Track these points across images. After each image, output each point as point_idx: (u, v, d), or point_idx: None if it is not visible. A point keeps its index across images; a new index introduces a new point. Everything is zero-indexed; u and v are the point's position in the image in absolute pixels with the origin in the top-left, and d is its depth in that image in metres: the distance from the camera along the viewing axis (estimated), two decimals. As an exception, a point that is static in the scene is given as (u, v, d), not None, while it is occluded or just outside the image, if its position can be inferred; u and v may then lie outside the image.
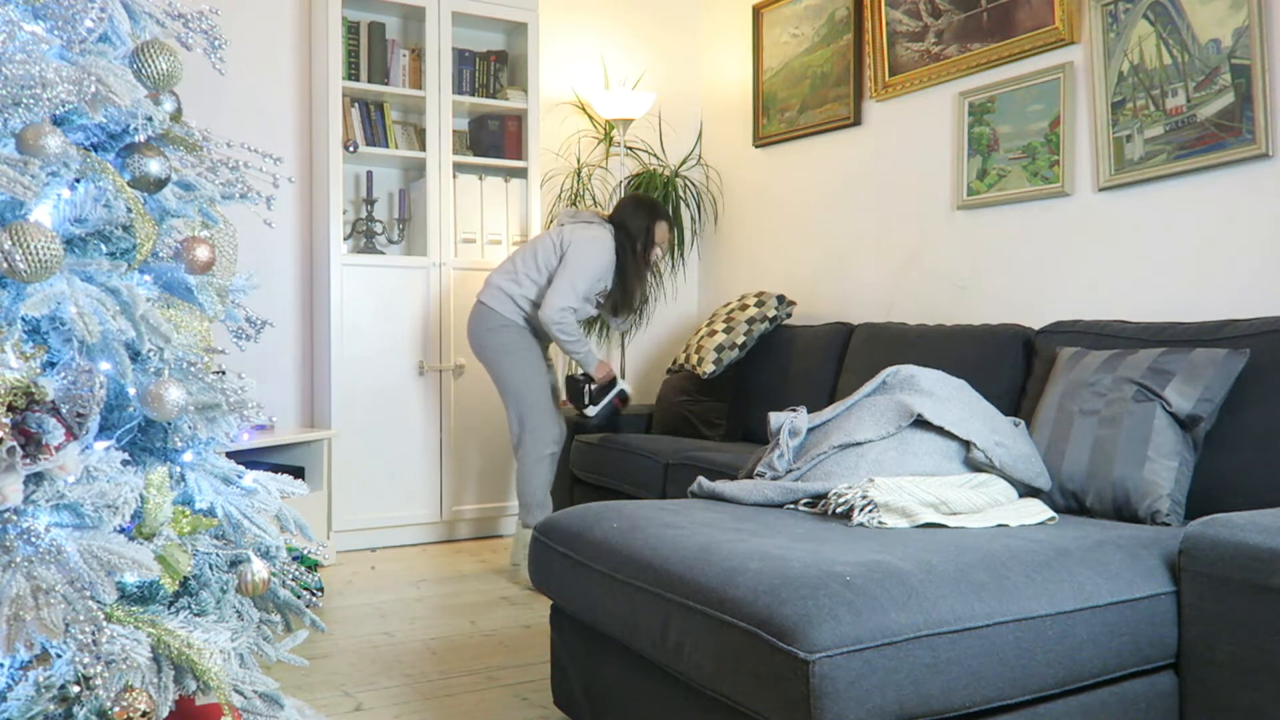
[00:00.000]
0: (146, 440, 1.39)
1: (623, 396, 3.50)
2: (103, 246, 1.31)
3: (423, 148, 3.96)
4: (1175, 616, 1.60)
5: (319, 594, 3.01)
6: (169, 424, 1.38)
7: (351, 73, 3.80)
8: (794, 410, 2.47)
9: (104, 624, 1.14)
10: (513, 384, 3.31)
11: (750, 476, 2.35)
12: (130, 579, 1.21)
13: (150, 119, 1.34)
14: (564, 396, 3.49)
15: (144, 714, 1.18)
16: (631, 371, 4.61)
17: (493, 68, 4.14)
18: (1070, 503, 2.16)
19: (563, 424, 3.40)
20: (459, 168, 4.01)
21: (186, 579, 1.40)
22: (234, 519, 1.44)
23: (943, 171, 3.45)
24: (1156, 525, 1.98)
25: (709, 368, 3.65)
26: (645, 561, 1.65)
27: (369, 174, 3.94)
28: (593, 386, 3.44)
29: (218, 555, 1.44)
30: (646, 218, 3.38)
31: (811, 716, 1.26)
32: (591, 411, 3.44)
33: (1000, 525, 1.85)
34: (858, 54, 3.78)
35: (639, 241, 3.36)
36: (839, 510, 1.94)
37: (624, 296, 3.39)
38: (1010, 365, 2.67)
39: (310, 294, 3.95)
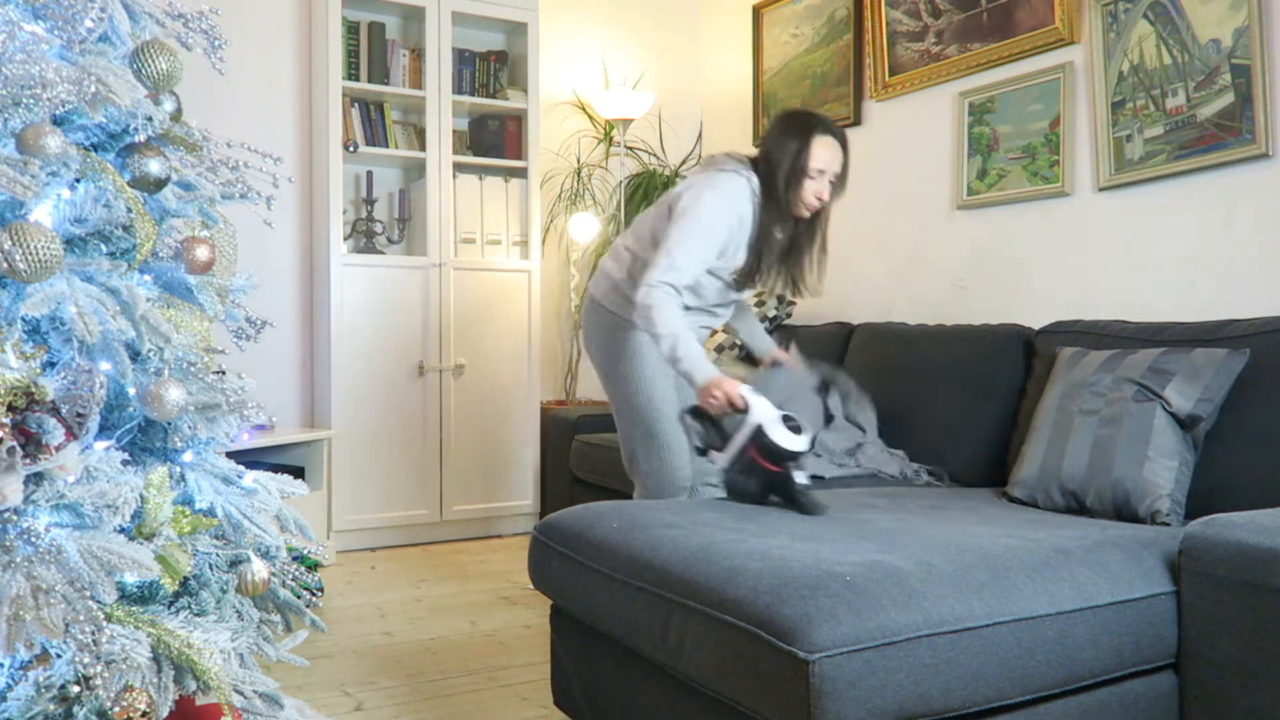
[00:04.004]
0: (146, 440, 1.39)
1: (763, 445, 1.97)
2: (103, 246, 1.31)
3: (423, 148, 3.96)
4: (1175, 616, 1.60)
5: (319, 594, 3.01)
6: (169, 424, 1.37)
7: (351, 73, 3.80)
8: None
9: (104, 624, 1.14)
10: (628, 405, 2.39)
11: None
12: (130, 579, 1.21)
13: (150, 119, 1.34)
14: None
15: (144, 714, 1.18)
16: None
17: (493, 68, 4.14)
18: (1070, 502, 2.16)
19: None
20: (459, 168, 4.01)
21: (186, 579, 1.40)
22: (234, 519, 1.44)
23: (943, 171, 3.45)
24: (1156, 525, 1.98)
25: (709, 368, 3.64)
26: (645, 561, 1.65)
27: (369, 174, 3.94)
28: (700, 419, 2.14)
29: (218, 555, 1.44)
30: (798, 132, 2.25)
31: (811, 716, 1.26)
32: (721, 458, 2.08)
33: None
34: (858, 54, 3.78)
35: (781, 170, 2.24)
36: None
37: (766, 256, 2.31)
38: (1010, 365, 2.67)
39: (310, 294, 3.95)
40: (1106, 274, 2.92)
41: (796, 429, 1.98)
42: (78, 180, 1.26)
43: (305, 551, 2.74)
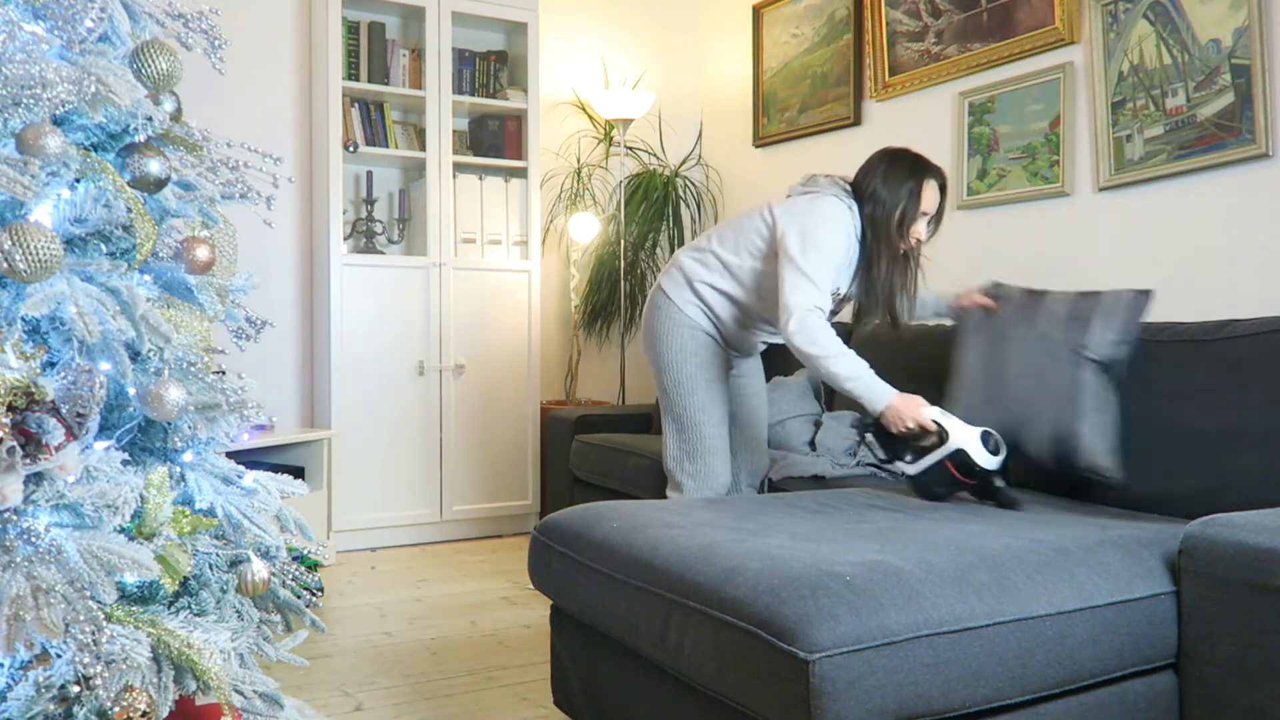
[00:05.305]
0: (146, 440, 1.39)
1: (962, 464, 2.05)
2: (103, 246, 1.31)
3: (423, 148, 3.96)
4: (1175, 616, 1.60)
5: (319, 594, 3.01)
6: (169, 424, 1.37)
7: (351, 73, 3.80)
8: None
9: (104, 624, 1.14)
10: (677, 407, 2.44)
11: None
12: (130, 579, 1.21)
13: (150, 119, 1.34)
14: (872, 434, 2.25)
15: (144, 714, 1.18)
16: (632, 372, 4.59)
17: (493, 68, 4.14)
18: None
19: (761, 461, 2.61)
20: (459, 168, 4.01)
21: (186, 579, 1.40)
22: (234, 519, 1.44)
23: (943, 171, 3.44)
24: (1101, 479, 2.14)
25: (709, 368, 3.64)
26: (645, 561, 1.65)
27: (369, 174, 3.94)
28: (880, 434, 2.19)
29: (218, 555, 1.44)
30: (909, 175, 2.32)
31: (811, 716, 1.26)
32: (910, 468, 2.13)
33: None
34: (858, 54, 3.78)
35: (895, 212, 2.30)
36: None
37: (870, 295, 2.37)
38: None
39: (310, 294, 3.95)
40: (1106, 274, 2.92)
41: (995, 447, 2.06)
42: (78, 180, 1.26)
43: (305, 551, 2.74)
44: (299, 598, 1.60)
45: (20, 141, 1.16)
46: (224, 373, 1.46)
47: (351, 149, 3.79)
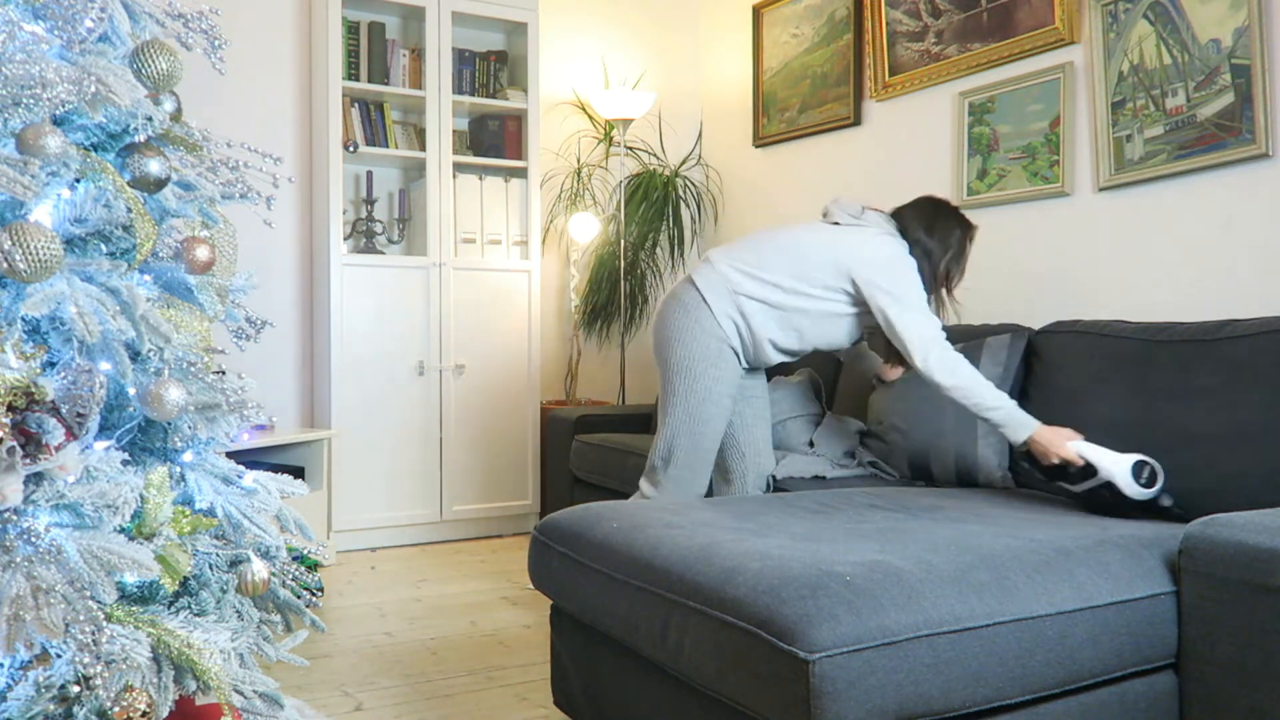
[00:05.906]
0: (146, 440, 1.39)
1: (1116, 493, 2.08)
2: (103, 246, 1.31)
3: (423, 148, 3.97)
4: (1175, 616, 1.60)
5: (319, 594, 3.01)
6: (169, 424, 1.37)
7: (351, 73, 3.81)
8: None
9: (104, 624, 1.14)
10: (683, 411, 2.42)
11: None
12: (130, 579, 1.21)
13: (150, 119, 1.34)
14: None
15: (144, 714, 1.18)
16: (632, 372, 4.59)
17: (493, 68, 4.14)
18: (919, 473, 2.65)
19: (767, 461, 2.63)
20: (459, 168, 4.01)
21: (186, 579, 1.40)
22: (234, 519, 1.44)
23: (943, 171, 3.45)
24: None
25: (709, 368, 3.64)
26: (645, 561, 1.65)
27: (369, 174, 3.94)
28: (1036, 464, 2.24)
29: (218, 555, 1.44)
30: (957, 227, 2.45)
31: (811, 716, 1.26)
32: (1075, 487, 2.19)
33: None
34: (858, 54, 3.78)
35: (943, 261, 2.43)
36: None
37: None
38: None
39: (310, 294, 3.95)
40: (1106, 274, 2.92)
41: (1150, 477, 2.06)
42: (78, 180, 1.26)
43: (305, 551, 2.74)
44: (299, 598, 1.61)
45: (20, 141, 1.16)
46: (224, 373, 1.46)
47: (351, 149, 3.79)
